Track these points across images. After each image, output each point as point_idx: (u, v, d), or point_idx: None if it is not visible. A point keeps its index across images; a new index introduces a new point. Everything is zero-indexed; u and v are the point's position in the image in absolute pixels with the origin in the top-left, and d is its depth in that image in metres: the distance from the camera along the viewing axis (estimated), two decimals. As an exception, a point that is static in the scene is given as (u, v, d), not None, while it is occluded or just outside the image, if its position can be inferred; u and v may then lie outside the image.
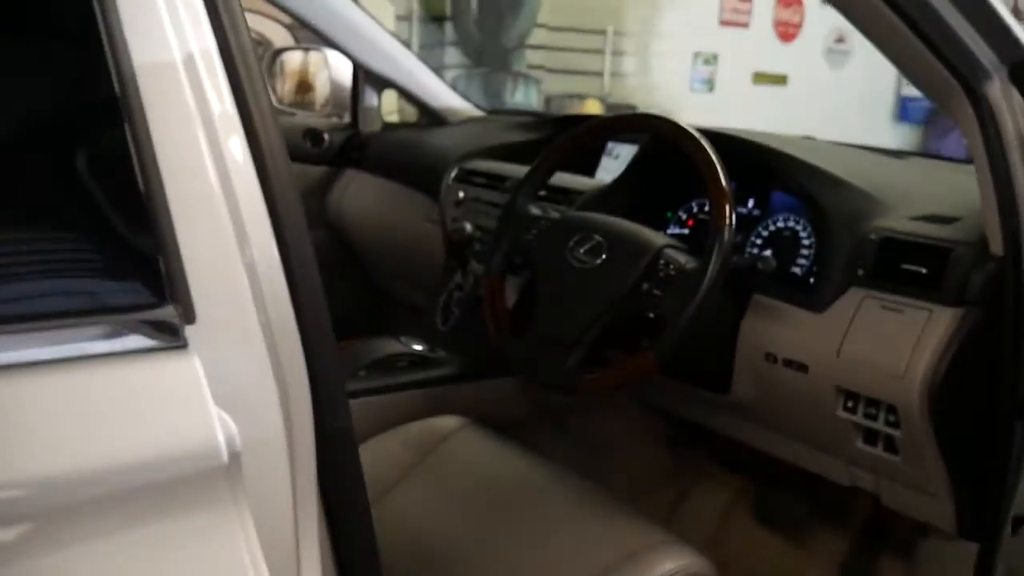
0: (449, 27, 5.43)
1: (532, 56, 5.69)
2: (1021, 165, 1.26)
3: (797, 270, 1.57)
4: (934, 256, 1.32)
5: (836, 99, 6.64)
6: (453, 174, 2.23)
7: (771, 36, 7.06)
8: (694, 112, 6.58)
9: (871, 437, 1.42)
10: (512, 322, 1.54)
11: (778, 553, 2.06)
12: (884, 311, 1.35)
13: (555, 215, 1.57)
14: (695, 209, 1.78)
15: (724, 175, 1.35)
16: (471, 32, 5.39)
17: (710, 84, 6.87)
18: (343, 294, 2.91)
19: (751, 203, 1.70)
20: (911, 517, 1.53)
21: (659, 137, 1.47)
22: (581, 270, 1.42)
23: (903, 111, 7.60)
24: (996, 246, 1.30)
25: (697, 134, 1.41)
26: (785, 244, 1.61)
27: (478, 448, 1.61)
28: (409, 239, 2.45)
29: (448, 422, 1.66)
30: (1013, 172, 1.26)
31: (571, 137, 1.58)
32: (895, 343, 1.32)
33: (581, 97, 5.93)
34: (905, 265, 1.34)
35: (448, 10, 5.43)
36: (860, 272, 1.39)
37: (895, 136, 7.46)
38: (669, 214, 1.81)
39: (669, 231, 1.78)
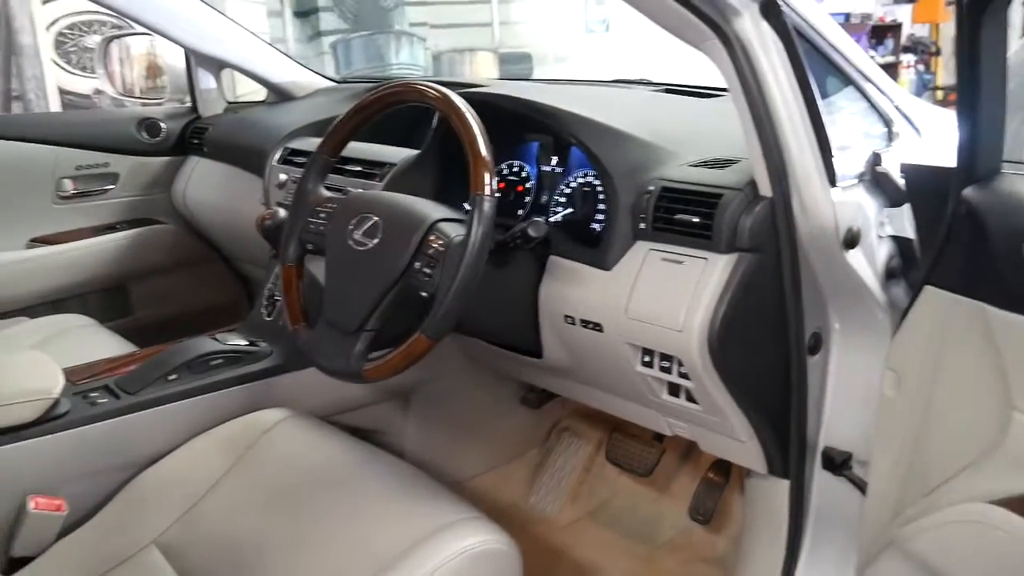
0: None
1: (414, 13, 5.54)
2: (782, 103, 1.23)
3: (596, 226, 1.54)
4: (705, 203, 1.30)
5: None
6: (277, 155, 2.15)
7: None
8: (592, 54, 6.51)
9: (674, 389, 1.41)
10: (306, 310, 1.49)
11: (638, 497, 2.08)
12: (665, 263, 1.33)
13: (341, 196, 1.51)
14: (506, 170, 1.74)
15: (483, 140, 1.30)
16: (347, -7, 5.26)
17: (606, 24, 6.78)
18: (208, 285, 2.83)
19: (555, 160, 1.66)
20: (728, 460, 1.54)
21: (426, 105, 1.42)
22: (360, 253, 1.37)
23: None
24: (764, 187, 1.28)
25: (456, 99, 1.36)
26: (586, 200, 1.58)
27: (298, 439, 1.57)
28: (249, 224, 2.36)
29: (269, 416, 1.61)
30: (773, 111, 1.24)
31: (354, 111, 1.52)
32: (675, 296, 1.30)
33: (472, 50, 5.81)
34: (680, 215, 1.32)
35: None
36: (642, 226, 1.37)
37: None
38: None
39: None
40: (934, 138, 1.48)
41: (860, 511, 1.44)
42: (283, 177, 2.06)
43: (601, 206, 1.54)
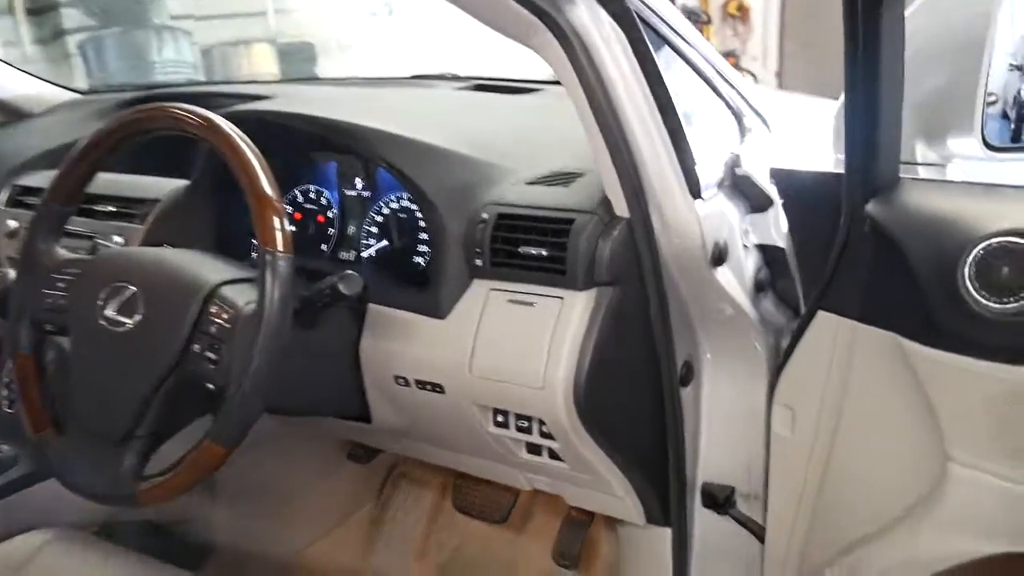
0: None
1: (175, 4, 4.96)
2: (630, 104, 1.03)
3: (419, 260, 1.28)
4: (553, 231, 1.07)
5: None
6: (4, 196, 1.71)
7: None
8: (375, 41, 6.17)
9: (534, 448, 1.18)
10: (55, 411, 1.13)
11: (494, 543, 1.86)
12: (513, 306, 1.10)
13: (87, 257, 1.15)
14: (300, 198, 1.43)
15: (265, 177, 1.00)
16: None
17: (389, 7, 6.45)
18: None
19: (359, 182, 1.37)
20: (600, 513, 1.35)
21: (186, 135, 1.10)
22: (117, 336, 1.03)
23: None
24: (620, 206, 1.07)
25: (223, 125, 1.04)
26: (404, 229, 1.31)
27: (70, 569, 1.21)
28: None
29: (27, 541, 1.24)
30: (622, 114, 1.03)
31: (87, 149, 1.15)
32: (529, 346, 1.07)
33: (247, 43, 5.30)
34: (524, 247, 1.08)
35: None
36: (479, 262, 1.12)
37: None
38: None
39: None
40: (782, 130, 1.34)
41: (749, 552, 1.28)
42: (12, 225, 1.63)
43: (423, 235, 1.28)
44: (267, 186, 0.99)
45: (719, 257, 1.12)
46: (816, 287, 0.99)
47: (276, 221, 0.98)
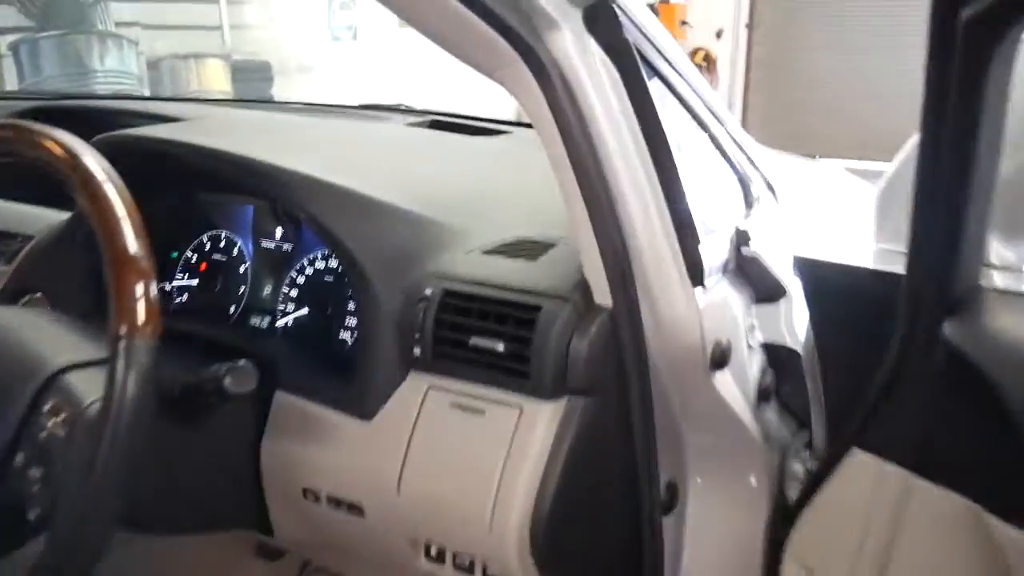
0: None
1: (122, 11, 4.65)
2: (622, 160, 0.80)
3: (345, 338, 1.03)
4: (515, 320, 0.83)
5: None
6: None
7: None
8: (337, 65, 5.94)
9: (476, 586, 0.93)
10: None
11: None
12: (458, 413, 0.85)
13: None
14: (208, 245, 1.17)
15: (129, 225, 0.75)
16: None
17: (353, 31, 6.22)
18: None
19: (279, 232, 1.12)
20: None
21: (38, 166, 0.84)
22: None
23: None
24: (601, 293, 0.83)
25: (88, 159, 0.78)
26: (329, 297, 1.06)
27: None
28: None
29: None
30: (609, 172, 0.80)
31: None
32: (475, 469, 0.82)
33: (198, 57, 5.00)
34: (476, 339, 0.84)
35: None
36: (417, 351, 0.88)
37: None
38: (175, 254, 1.18)
39: (175, 282, 1.16)
40: (790, 200, 1.13)
41: None
42: None
43: (352, 305, 1.03)
44: (130, 242, 0.73)
45: (720, 360, 0.90)
46: (852, 419, 0.76)
47: (139, 288, 0.72)
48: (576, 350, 0.81)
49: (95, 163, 0.77)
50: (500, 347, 0.82)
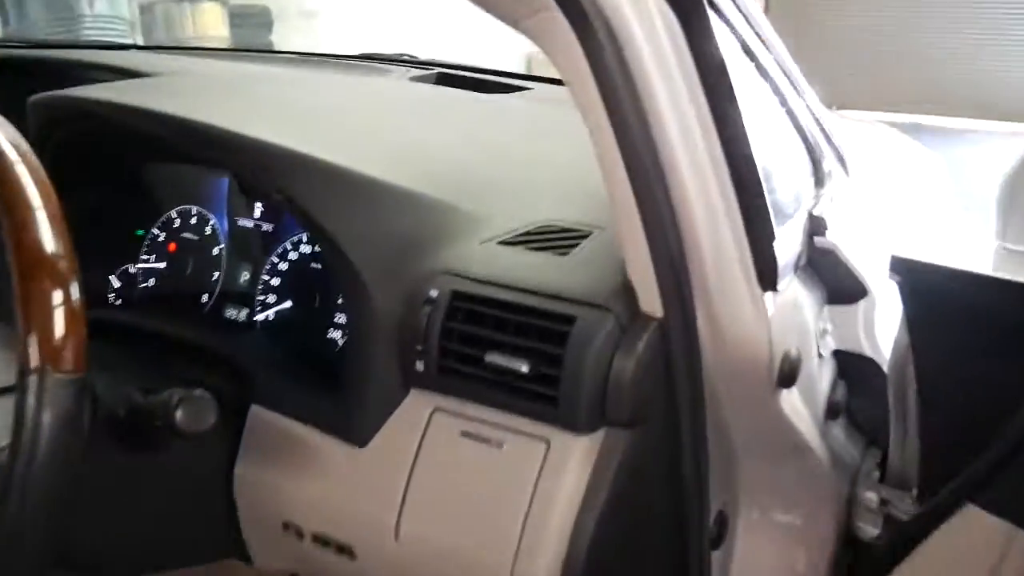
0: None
1: (111, -49, 4.42)
2: (679, 134, 0.63)
3: (336, 337, 0.87)
4: (542, 332, 0.67)
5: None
6: None
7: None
8: (343, 10, 5.68)
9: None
10: None
11: None
12: (469, 443, 0.69)
13: None
14: (178, 222, 1.00)
15: (44, 213, 0.58)
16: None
17: (358, -26, 5.93)
18: None
19: (258, 210, 0.95)
20: None
21: None
22: None
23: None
24: (650, 300, 0.67)
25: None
26: (316, 289, 0.89)
27: None
28: None
29: None
30: (664, 147, 0.63)
31: None
32: (491, 514, 0.67)
33: (193, 1, 4.77)
34: (493, 355, 0.68)
35: None
36: (420, 365, 0.72)
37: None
38: (140, 232, 1.02)
39: (140, 264, 1.00)
40: (861, 172, 0.95)
41: None
42: None
43: (340, 300, 0.87)
44: (45, 237, 0.57)
45: (789, 376, 0.73)
46: (968, 467, 0.60)
47: (56, 296, 0.55)
48: (619, 373, 0.65)
49: (2, 138, 0.60)
50: (523, 367, 0.66)
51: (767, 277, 0.68)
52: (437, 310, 0.71)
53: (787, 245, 0.72)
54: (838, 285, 0.80)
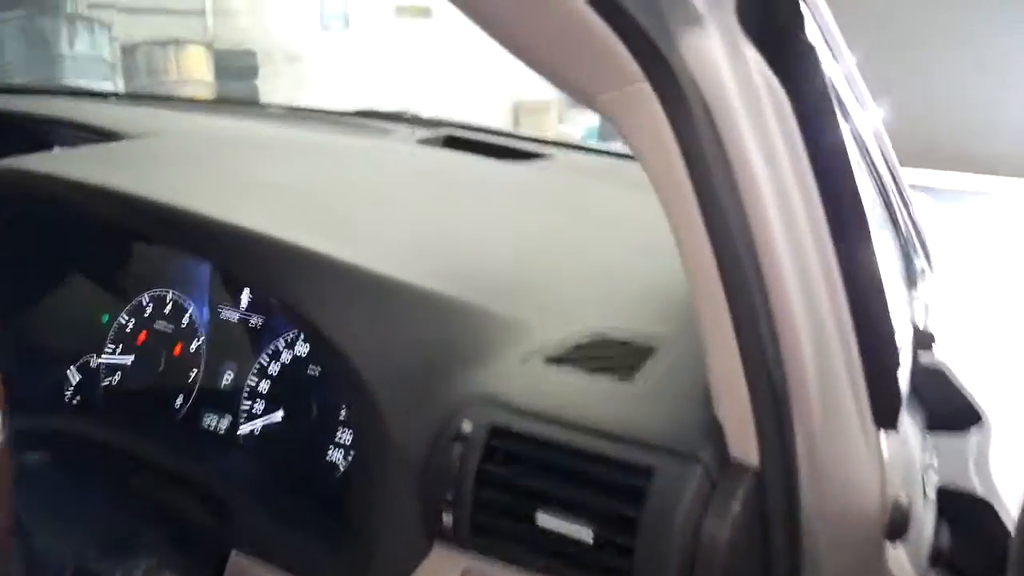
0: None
1: (94, -9, 4.31)
2: (785, 229, 0.50)
3: (338, 458, 0.72)
4: (609, 489, 0.53)
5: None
6: None
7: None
8: (329, 55, 5.61)
9: None
10: None
11: None
12: (509, 619, 0.55)
13: None
14: (150, 310, 0.86)
15: None
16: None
17: (344, 20, 5.88)
18: None
19: (245, 298, 0.81)
20: None
21: None
22: None
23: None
24: (742, 444, 0.53)
25: None
26: (314, 398, 0.75)
27: None
28: None
29: None
30: (765, 247, 0.50)
31: None
32: None
33: (178, 43, 4.65)
34: (545, 515, 0.54)
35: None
36: (448, 517, 0.57)
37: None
38: (105, 318, 0.87)
39: (104, 358, 0.86)
40: (944, 268, 0.83)
41: None
42: None
43: (343, 413, 0.72)
44: None
45: (899, 527, 0.60)
46: None
47: None
48: (710, 541, 0.51)
49: None
50: (587, 535, 0.52)
51: (886, 413, 0.55)
52: (471, 449, 0.56)
53: (903, 370, 0.59)
54: (946, 410, 0.67)
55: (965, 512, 0.69)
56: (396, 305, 0.63)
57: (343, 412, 0.72)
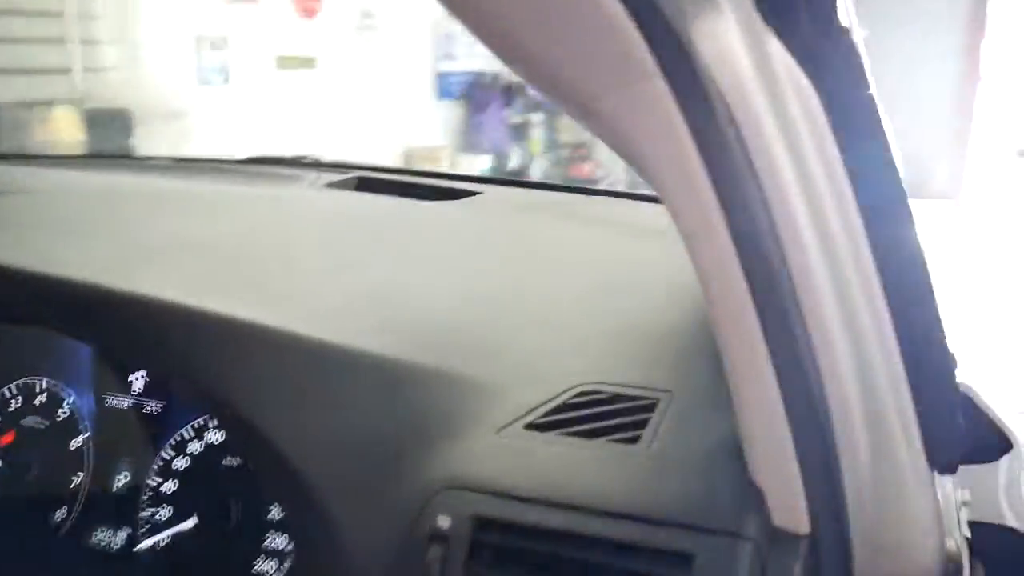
0: None
1: (-53, 52, 3.99)
2: (821, 250, 0.41)
3: (268, 569, 0.58)
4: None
5: (371, 80, 5.90)
6: None
7: (290, 12, 6.08)
8: (210, 110, 5.38)
9: None
10: None
11: None
12: None
13: None
14: (17, 402, 0.70)
15: None
16: None
17: (224, 74, 5.66)
18: None
19: (137, 382, 0.67)
20: None
21: None
22: None
23: (442, 87, 7.12)
24: (791, 511, 0.43)
25: None
26: (233, 496, 0.61)
27: None
28: None
29: None
30: (800, 272, 0.40)
31: None
32: None
33: (48, 103, 4.36)
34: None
35: None
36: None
37: (441, 113, 6.95)
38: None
39: None
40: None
41: None
42: None
43: (275, 512, 0.59)
44: None
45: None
46: None
47: None
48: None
49: None
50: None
51: (944, 457, 0.46)
52: (452, 550, 0.44)
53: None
54: (977, 439, 0.59)
55: (996, 545, 0.62)
56: (333, 374, 0.51)
57: (273, 511, 0.58)
